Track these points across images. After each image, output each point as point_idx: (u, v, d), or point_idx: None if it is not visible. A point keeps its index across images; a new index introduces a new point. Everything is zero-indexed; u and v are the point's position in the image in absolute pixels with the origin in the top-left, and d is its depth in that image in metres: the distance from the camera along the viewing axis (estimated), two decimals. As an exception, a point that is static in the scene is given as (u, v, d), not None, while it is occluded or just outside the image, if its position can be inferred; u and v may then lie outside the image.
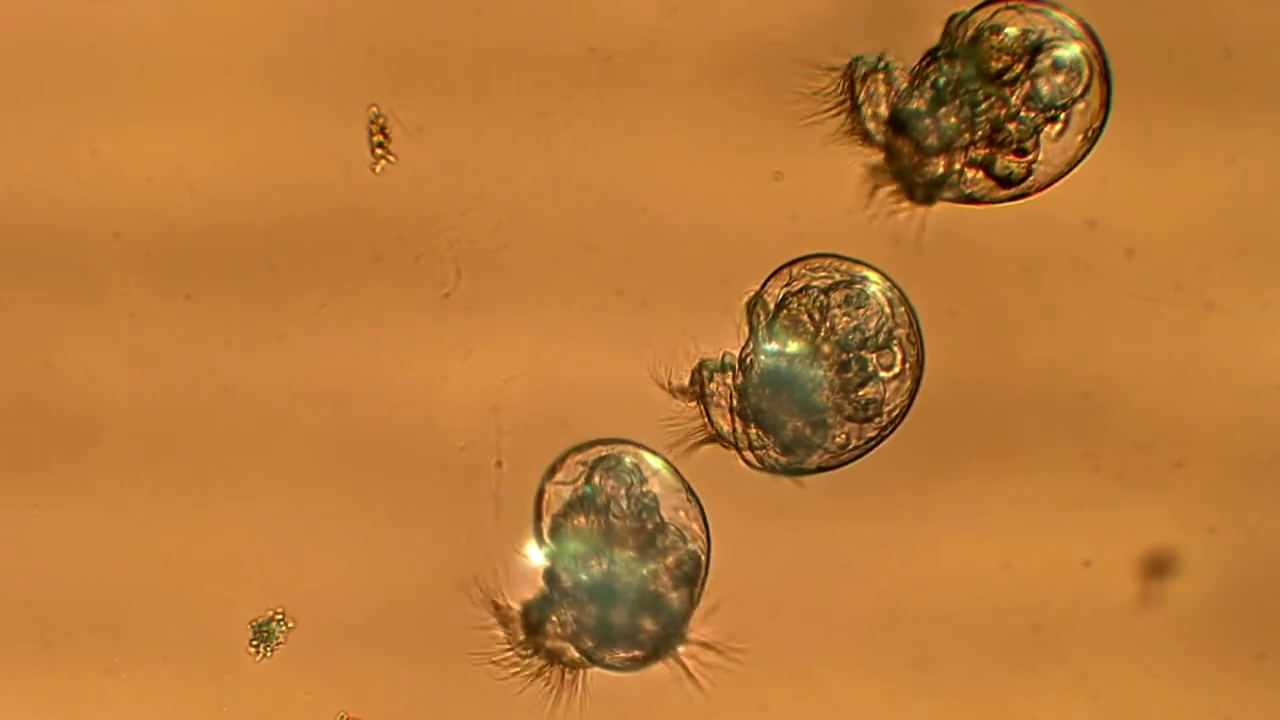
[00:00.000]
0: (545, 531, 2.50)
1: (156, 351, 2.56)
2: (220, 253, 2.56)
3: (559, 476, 2.51)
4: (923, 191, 2.48)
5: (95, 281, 2.56)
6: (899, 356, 2.48)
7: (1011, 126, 2.46)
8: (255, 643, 2.54)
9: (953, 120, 2.45)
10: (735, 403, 2.48)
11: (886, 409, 2.48)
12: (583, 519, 2.48)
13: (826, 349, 2.47)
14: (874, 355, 2.47)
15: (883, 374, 2.47)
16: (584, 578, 2.47)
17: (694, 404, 2.50)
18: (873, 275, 2.51)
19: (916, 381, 2.49)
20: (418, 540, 2.56)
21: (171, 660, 2.55)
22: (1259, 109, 2.55)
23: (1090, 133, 2.48)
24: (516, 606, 2.50)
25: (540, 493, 2.51)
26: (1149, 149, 2.55)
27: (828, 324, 2.47)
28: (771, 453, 2.48)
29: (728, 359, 2.49)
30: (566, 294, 2.56)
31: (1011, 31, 2.47)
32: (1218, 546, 2.56)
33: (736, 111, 2.56)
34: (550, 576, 2.49)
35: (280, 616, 2.54)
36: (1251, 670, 2.56)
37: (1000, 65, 2.45)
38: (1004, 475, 2.55)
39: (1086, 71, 2.47)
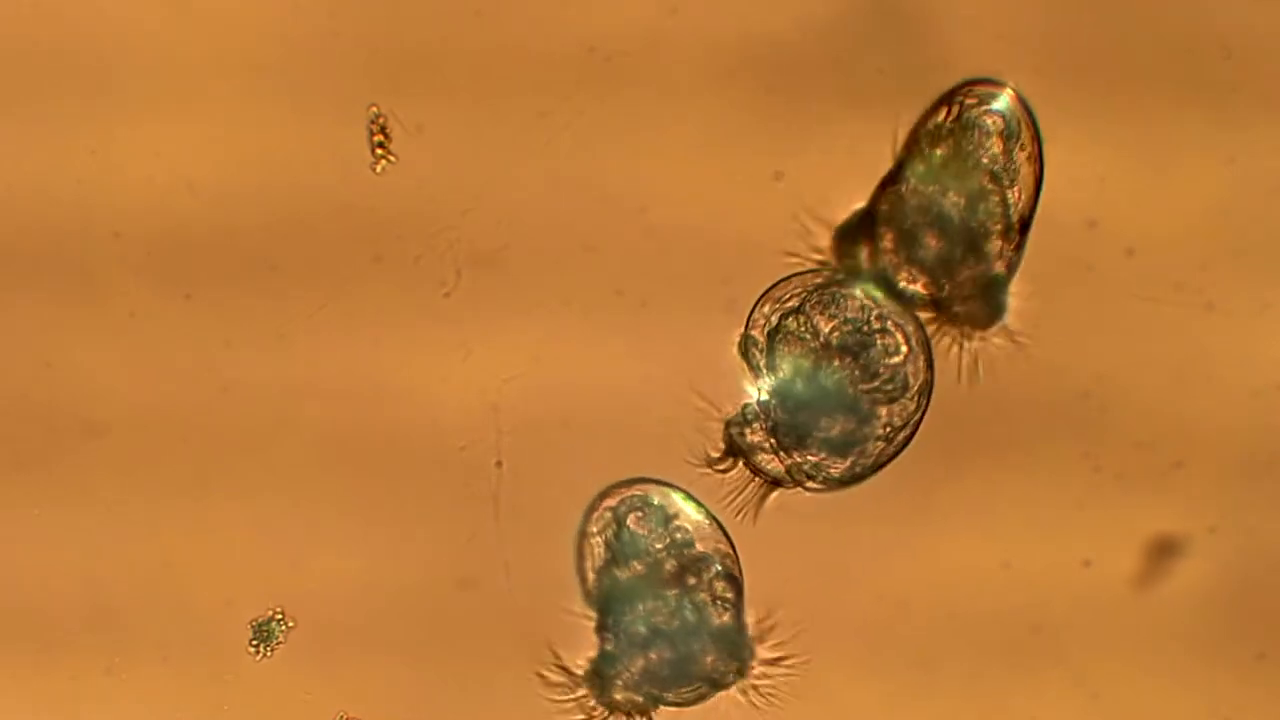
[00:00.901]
0: (591, 588, 2.50)
1: (156, 351, 2.56)
2: (220, 253, 2.56)
3: (592, 529, 2.50)
4: (994, 312, 2.49)
5: (95, 281, 2.56)
6: (899, 337, 2.47)
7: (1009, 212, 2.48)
8: (255, 643, 2.54)
9: (1001, 245, 2.47)
10: (776, 442, 2.47)
11: (913, 386, 2.48)
12: (625, 569, 2.48)
13: (833, 351, 2.47)
14: (878, 338, 2.47)
15: (894, 360, 2.47)
16: (640, 628, 2.47)
17: (738, 463, 2.50)
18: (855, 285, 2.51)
19: (929, 355, 2.49)
20: (418, 540, 2.56)
21: (171, 660, 2.55)
22: (1259, 109, 2.55)
23: (1031, 156, 2.48)
24: (582, 665, 2.49)
25: (579, 550, 2.50)
26: (1149, 149, 2.55)
27: (821, 332, 2.47)
28: (831, 468, 2.48)
29: (749, 410, 2.48)
30: (566, 294, 2.56)
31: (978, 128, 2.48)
32: (1218, 546, 2.56)
33: (736, 111, 2.56)
34: (606, 631, 2.48)
35: (280, 616, 2.54)
36: (1251, 670, 2.56)
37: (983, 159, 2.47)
38: (1004, 475, 2.55)
39: (1014, 124, 2.48)
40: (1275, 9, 2.57)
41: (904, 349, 2.47)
